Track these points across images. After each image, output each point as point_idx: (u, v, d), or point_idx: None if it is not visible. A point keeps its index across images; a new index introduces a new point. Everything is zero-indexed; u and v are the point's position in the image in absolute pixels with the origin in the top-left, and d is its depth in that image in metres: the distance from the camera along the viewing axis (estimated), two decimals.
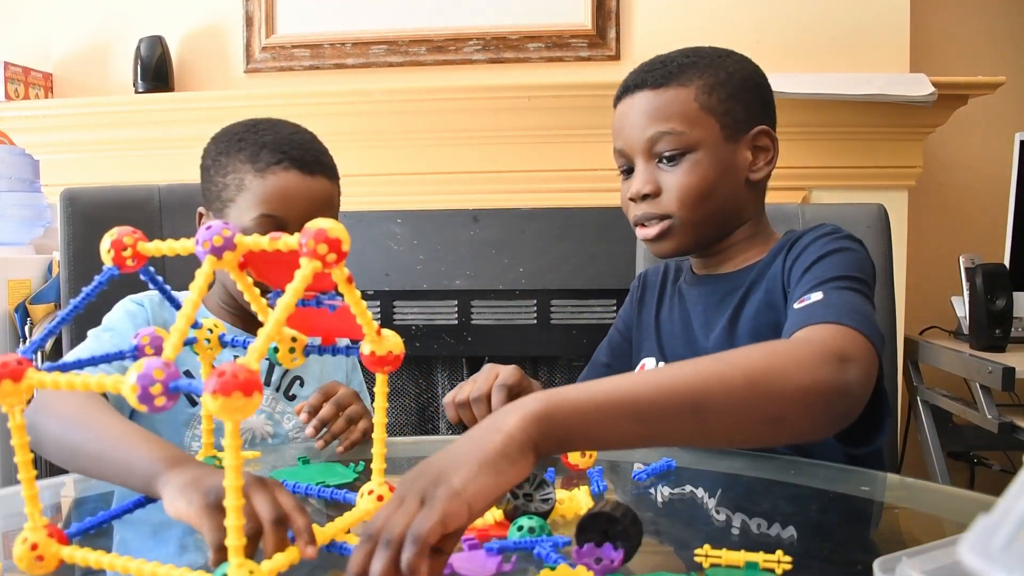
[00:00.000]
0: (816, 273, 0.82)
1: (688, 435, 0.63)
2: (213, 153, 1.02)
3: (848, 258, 0.84)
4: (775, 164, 0.94)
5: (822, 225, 0.91)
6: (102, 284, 0.54)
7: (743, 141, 0.91)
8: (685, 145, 0.89)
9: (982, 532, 0.29)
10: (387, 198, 2.00)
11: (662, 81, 0.90)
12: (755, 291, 0.91)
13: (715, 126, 0.90)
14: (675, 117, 0.89)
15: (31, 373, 0.47)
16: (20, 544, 0.49)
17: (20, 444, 0.49)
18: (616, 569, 0.50)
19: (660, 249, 0.94)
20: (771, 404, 0.62)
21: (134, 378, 0.41)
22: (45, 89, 2.16)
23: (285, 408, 1.03)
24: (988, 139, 2.13)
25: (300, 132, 1.04)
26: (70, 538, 0.53)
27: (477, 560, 0.53)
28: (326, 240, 0.48)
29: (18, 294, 1.94)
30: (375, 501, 0.56)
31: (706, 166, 0.89)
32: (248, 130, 1.01)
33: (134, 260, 0.54)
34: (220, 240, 0.50)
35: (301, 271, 0.49)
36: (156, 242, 0.54)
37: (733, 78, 0.92)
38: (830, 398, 0.63)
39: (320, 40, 2.12)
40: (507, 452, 0.51)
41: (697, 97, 0.89)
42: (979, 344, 1.68)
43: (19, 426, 0.48)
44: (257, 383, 0.41)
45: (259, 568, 0.44)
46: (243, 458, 0.79)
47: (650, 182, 0.90)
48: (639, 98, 0.91)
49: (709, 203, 0.90)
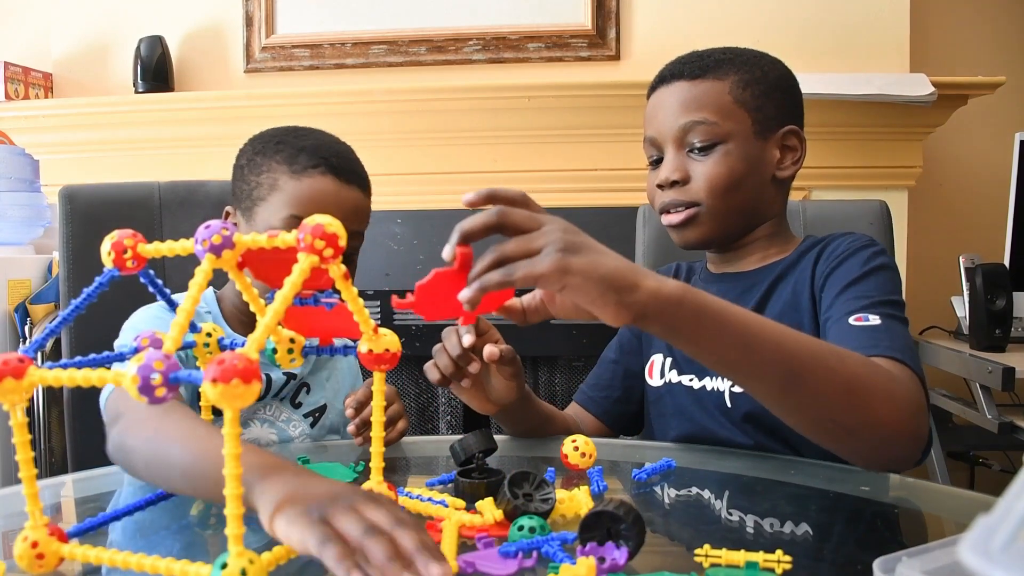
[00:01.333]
0: (864, 290, 0.84)
1: (769, 388, 0.68)
2: (250, 152, 1.02)
3: (891, 279, 0.87)
4: (802, 164, 0.96)
5: (852, 234, 0.93)
6: (103, 285, 0.55)
7: (772, 139, 0.93)
8: (717, 136, 0.90)
9: (982, 532, 0.29)
10: (387, 198, 1.99)
11: (699, 73, 0.92)
12: (779, 290, 0.92)
13: (747, 120, 0.91)
14: (709, 108, 0.90)
15: (32, 371, 0.47)
16: (21, 542, 0.50)
17: (21, 442, 0.49)
18: (621, 568, 0.50)
19: (685, 237, 0.94)
20: (853, 416, 0.68)
21: (135, 370, 0.41)
22: (45, 89, 2.16)
23: (291, 415, 1.03)
24: (988, 139, 2.13)
25: (340, 143, 1.04)
26: (70, 537, 0.53)
27: (497, 559, 0.53)
28: (323, 235, 0.49)
29: (18, 294, 1.94)
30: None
31: (736, 158, 0.90)
32: (288, 133, 1.01)
33: (134, 262, 0.55)
34: (219, 239, 0.50)
35: (299, 265, 0.49)
36: (156, 244, 0.54)
37: (768, 76, 0.93)
38: (897, 441, 0.70)
39: (320, 40, 2.13)
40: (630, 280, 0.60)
41: (732, 91, 0.91)
42: (979, 344, 1.68)
43: (20, 424, 0.49)
44: (256, 371, 0.41)
45: (259, 558, 0.44)
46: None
47: (679, 169, 0.92)
48: (674, 88, 0.93)
49: (736, 195, 0.91)
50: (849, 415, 0.68)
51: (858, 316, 0.80)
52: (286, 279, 0.49)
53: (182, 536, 0.64)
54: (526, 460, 0.85)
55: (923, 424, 0.71)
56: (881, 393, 0.69)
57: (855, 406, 0.68)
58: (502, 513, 0.60)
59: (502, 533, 0.58)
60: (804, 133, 0.96)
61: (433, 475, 0.75)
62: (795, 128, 0.95)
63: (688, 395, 0.94)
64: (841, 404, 0.67)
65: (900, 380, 0.72)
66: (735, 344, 0.65)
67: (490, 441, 0.72)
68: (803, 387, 0.66)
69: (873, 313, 0.80)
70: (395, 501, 0.55)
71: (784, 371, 0.66)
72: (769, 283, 0.93)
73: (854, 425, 0.69)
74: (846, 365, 0.68)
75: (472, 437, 0.71)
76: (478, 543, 0.56)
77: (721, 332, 0.64)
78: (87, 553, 0.49)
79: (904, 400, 0.70)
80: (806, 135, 0.97)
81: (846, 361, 0.68)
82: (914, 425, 0.70)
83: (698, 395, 0.93)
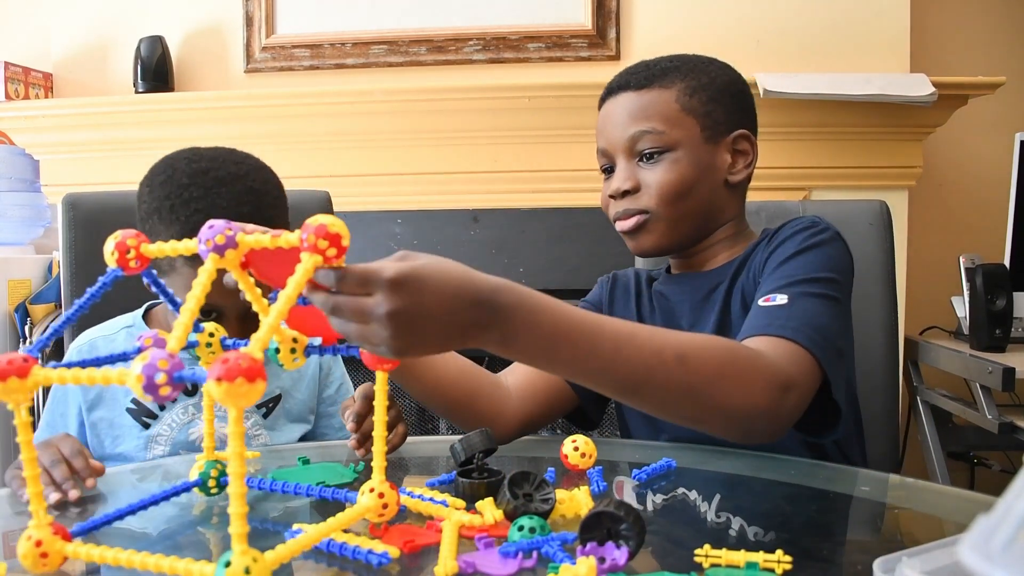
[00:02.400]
0: (787, 271, 0.84)
1: (610, 393, 0.70)
2: (145, 208, 0.94)
3: (821, 256, 0.86)
4: (754, 167, 0.96)
5: (801, 219, 0.92)
6: (107, 285, 0.55)
7: (723, 144, 0.93)
8: (665, 144, 0.91)
9: (982, 532, 0.29)
10: (387, 198, 2.00)
11: (645, 83, 0.93)
12: (739, 284, 0.92)
13: (695, 127, 0.92)
14: (656, 117, 0.91)
15: (36, 370, 0.47)
16: (25, 541, 0.49)
17: (25, 441, 0.49)
18: (622, 568, 0.50)
19: (639, 244, 0.95)
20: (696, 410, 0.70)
21: (139, 368, 0.41)
22: (45, 89, 2.16)
23: (259, 422, 1.04)
24: (988, 139, 2.13)
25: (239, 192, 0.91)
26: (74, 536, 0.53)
27: (497, 559, 0.53)
28: (326, 235, 0.49)
29: (18, 294, 1.95)
30: (376, 499, 0.56)
31: (685, 165, 0.91)
32: (179, 189, 0.91)
33: (137, 262, 0.55)
34: (222, 238, 0.50)
35: (302, 265, 0.49)
36: (159, 244, 0.55)
37: (715, 82, 0.94)
38: (755, 423, 0.71)
39: (320, 40, 2.13)
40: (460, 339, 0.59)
41: (679, 99, 0.92)
42: (979, 344, 1.68)
43: (25, 423, 0.49)
44: (261, 371, 0.41)
45: (262, 557, 0.44)
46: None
47: (630, 179, 0.92)
48: (622, 99, 0.94)
49: (687, 201, 0.92)
50: (692, 410, 0.70)
51: (767, 297, 0.81)
52: (289, 279, 0.49)
53: (185, 535, 0.64)
54: (526, 460, 0.85)
55: (786, 401, 0.71)
56: (731, 381, 0.69)
57: (697, 403, 0.69)
58: (502, 513, 0.60)
59: (502, 533, 0.58)
60: (758, 137, 0.96)
61: (433, 475, 0.75)
62: (746, 132, 0.95)
63: None
64: (683, 404, 0.69)
65: (764, 361, 0.72)
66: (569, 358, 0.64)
67: (490, 441, 0.72)
68: (642, 395, 0.68)
69: (785, 292, 0.81)
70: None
71: (619, 381, 0.67)
72: (729, 280, 0.93)
73: (700, 416, 0.71)
74: (688, 367, 0.67)
75: (472, 437, 0.71)
76: (478, 543, 0.56)
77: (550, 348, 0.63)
78: (91, 552, 0.49)
79: (761, 381, 0.70)
80: (806, 135, 0.97)
81: (688, 363, 0.67)
82: (771, 404, 0.70)
83: None
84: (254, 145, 1.05)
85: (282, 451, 0.94)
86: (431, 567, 0.52)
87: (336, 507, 0.63)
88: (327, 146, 2.02)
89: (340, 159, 2.02)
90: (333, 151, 2.02)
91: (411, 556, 0.56)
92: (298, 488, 0.67)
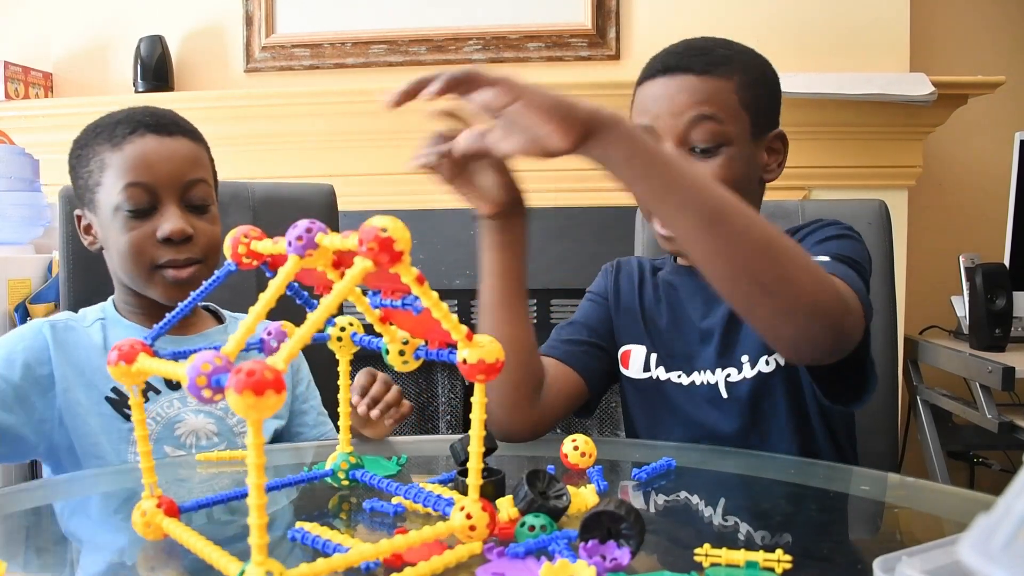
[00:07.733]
0: (827, 248, 0.86)
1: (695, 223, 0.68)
2: (75, 150, 1.05)
3: (850, 245, 0.87)
4: (783, 168, 0.95)
5: (823, 219, 0.93)
6: (220, 279, 0.56)
7: (763, 141, 0.92)
8: (723, 137, 0.87)
9: (982, 532, 0.29)
10: (387, 197, 2.00)
11: (708, 68, 0.87)
12: None
13: (747, 122, 0.89)
14: (719, 106, 0.87)
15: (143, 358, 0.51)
16: (136, 511, 0.55)
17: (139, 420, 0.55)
18: (623, 568, 0.50)
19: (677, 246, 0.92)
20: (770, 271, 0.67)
21: (184, 369, 0.42)
22: (45, 89, 2.16)
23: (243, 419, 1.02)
24: (988, 139, 2.14)
25: (156, 107, 1.05)
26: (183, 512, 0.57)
27: (519, 565, 0.52)
28: (376, 239, 0.46)
29: (18, 294, 1.94)
30: (464, 519, 0.53)
31: (739, 163, 0.88)
32: (102, 119, 1.04)
33: (249, 258, 0.56)
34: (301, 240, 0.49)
35: (351, 270, 0.47)
36: (267, 241, 0.55)
37: (767, 78, 0.92)
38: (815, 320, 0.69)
39: (320, 40, 2.13)
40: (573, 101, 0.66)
41: (737, 90, 0.88)
42: (979, 344, 1.68)
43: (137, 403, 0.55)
44: (282, 383, 0.40)
45: (280, 566, 0.43)
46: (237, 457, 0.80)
47: None
48: (682, 80, 0.88)
49: None
50: (766, 269, 0.67)
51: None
52: (336, 285, 0.47)
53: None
54: (526, 459, 0.85)
55: (846, 321, 0.71)
56: (801, 262, 0.68)
57: (774, 260, 0.67)
58: (518, 511, 0.59)
59: (506, 533, 0.57)
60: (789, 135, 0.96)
61: (433, 475, 0.75)
62: (782, 132, 0.94)
63: (680, 392, 0.94)
64: (760, 254, 0.67)
65: (829, 275, 0.72)
66: (666, 172, 0.67)
67: (490, 441, 0.72)
68: (726, 226, 0.67)
69: (826, 255, 0.82)
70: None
71: (709, 208, 0.67)
72: None
73: (770, 281, 0.67)
74: (767, 225, 0.68)
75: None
76: (486, 551, 0.55)
77: (653, 160, 0.67)
78: (181, 533, 0.52)
79: (828, 283, 0.70)
80: (806, 135, 0.98)
81: (767, 224, 0.68)
82: (834, 309, 0.69)
83: (689, 391, 0.93)
84: (254, 145, 1.06)
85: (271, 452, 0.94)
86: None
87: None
88: (327, 146, 2.02)
89: (340, 159, 2.02)
90: (333, 151, 2.02)
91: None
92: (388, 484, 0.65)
